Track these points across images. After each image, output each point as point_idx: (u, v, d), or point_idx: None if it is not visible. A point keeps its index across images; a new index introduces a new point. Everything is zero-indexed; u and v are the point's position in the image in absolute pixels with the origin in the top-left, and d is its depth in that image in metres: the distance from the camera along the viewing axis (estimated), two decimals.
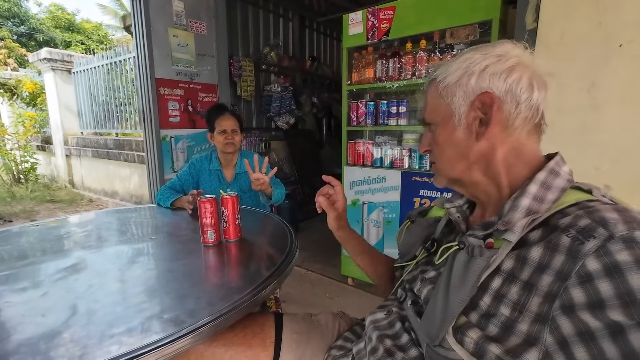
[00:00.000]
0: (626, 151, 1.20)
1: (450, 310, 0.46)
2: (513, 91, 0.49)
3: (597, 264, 0.37)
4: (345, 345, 0.70)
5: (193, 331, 0.61)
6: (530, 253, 0.43)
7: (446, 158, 0.56)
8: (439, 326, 0.47)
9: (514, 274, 0.44)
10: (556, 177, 0.48)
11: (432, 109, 0.57)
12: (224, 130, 1.61)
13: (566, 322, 0.37)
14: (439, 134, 0.56)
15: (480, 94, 0.50)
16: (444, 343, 0.46)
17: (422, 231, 0.68)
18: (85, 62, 4.74)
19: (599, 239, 0.37)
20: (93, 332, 0.60)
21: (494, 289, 0.45)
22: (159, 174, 2.66)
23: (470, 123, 0.52)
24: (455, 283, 0.47)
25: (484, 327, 0.44)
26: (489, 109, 0.50)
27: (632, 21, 1.16)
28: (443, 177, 0.59)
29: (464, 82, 0.51)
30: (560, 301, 0.38)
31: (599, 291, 0.36)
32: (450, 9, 1.73)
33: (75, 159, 5.19)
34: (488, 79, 0.50)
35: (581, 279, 0.37)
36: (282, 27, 4.09)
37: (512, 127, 0.50)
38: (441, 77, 0.54)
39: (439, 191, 1.88)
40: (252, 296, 0.73)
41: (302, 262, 2.69)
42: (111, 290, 0.78)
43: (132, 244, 1.12)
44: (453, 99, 0.53)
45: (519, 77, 0.49)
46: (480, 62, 0.50)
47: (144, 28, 2.46)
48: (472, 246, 0.48)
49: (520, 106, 0.49)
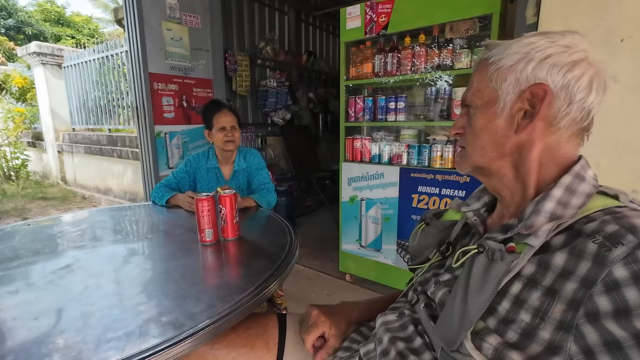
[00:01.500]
0: (627, 146, 1.20)
1: (469, 315, 0.44)
2: (569, 88, 0.46)
3: (625, 272, 0.35)
4: (351, 347, 0.69)
5: (193, 335, 0.59)
6: (553, 259, 0.42)
7: (479, 144, 0.53)
8: (456, 331, 0.45)
9: (535, 279, 0.42)
10: (582, 182, 0.47)
11: (475, 91, 0.53)
12: (223, 127, 1.57)
13: (591, 331, 0.36)
14: (477, 118, 0.53)
15: (534, 85, 0.47)
16: (462, 348, 0.45)
17: (437, 234, 0.66)
18: (76, 56, 4.64)
19: (628, 246, 0.36)
20: (89, 336, 0.58)
21: (513, 294, 0.43)
22: (154, 170, 2.62)
23: (514, 114, 0.49)
24: (474, 287, 0.46)
25: (503, 333, 0.42)
26: (538, 102, 0.47)
27: (633, 16, 1.15)
28: (469, 164, 0.55)
29: (520, 67, 0.47)
30: (585, 309, 0.37)
31: (626, 299, 0.35)
32: (450, 2, 1.71)
33: (67, 156, 5.10)
34: (547, 70, 0.46)
35: (607, 286, 0.36)
36: (277, 21, 4.04)
37: (557, 126, 0.47)
38: (495, 58, 0.50)
39: (438, 187, 1.87)
40: (253, 297, 0.72)
41: (299, 259, 2.68)
42: (107, 292, 0.75)
43: (127, 243, 1.09)
44: (503, 84, 0.49)
45: (581, 74, 0.45)
46: (544, 50, 0.46)
47: (136, 21, 2.40)
48: (492, 250, 0.46)
49: (572, 105, 0.46)
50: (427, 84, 1.95)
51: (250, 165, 1.68)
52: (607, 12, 1.20)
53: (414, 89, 2.10)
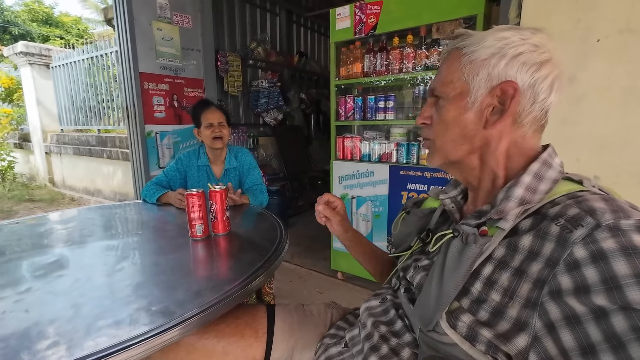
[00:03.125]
0: (603, 143, 1.25)
1: (445, 295, 0.46)
2: (535, 88, 0.47)
3: (584, 252, 0.37)
4: (338, 334, 0.71)
5: (182, 322, 0.60)
6: (521, 241, 0.44)
7: (450, 137, 0.53)
8: (432, 311, 0.47)
9: (505, 261, 0.44)
10: (549, 168, 0.49)
11: (446, 82, 0.52)
12: (211, 123, 1.58)
13: (554, 307, 0.38)
14: (447, 111, 0.52)
15: (505, 82, 0.47)
16: (438, 328, 0.47)
17: (417, 222, 0.68)
18: (65, 57, 4.58)
19: (587, 228, 0.38)
20: (79, 325, 0.59)
21: (485, 275, 0.45)
22: (144, 170, 2.61)
23: (483, 109, 0.49)
24: (449, 269, 0.48)
25: (475, 312, 0.44)
26: (508, 100, 0.47)
27: (609, 17, 1.20)
28: (441, 157, 0.55)
29: (492, 62, 0.48)
30: (548, 287, 0.39)
31: (585, 277, 0.37)
32: (436, 4, 1.75)
33: (55, 157, 5.02)
34: (517, 68, 0.47)
35: (569, 266, 0.38)
36: (269, 22, 4.05)
37: (521, 123, 0.49)
38: (468, 50, 0.50)
39: (426, 184, 1.91)
40: (242, 287, 0.73)
41: (291, 258, 2.69)
42: (97, 285, 0.76)
43: (117, 239, 1.10)
44: (475, 77, 0.49)
45: (546, 75, 0.47)
46: (517, 47, 0.47)
47: (126, 21, 2.39)
48: (466, 234, 0.48)
49: (535, 105, 0.48)
50: (416, 84, 1.99)
51: (242, 164, 1.69)
52: (585, 14, 1.24)
53: (403, 89, 2.14)
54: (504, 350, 0.40)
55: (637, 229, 0.37)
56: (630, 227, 0.37)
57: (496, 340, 0.41)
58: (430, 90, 0.57)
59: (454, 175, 0.59)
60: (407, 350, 0.55)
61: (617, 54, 1.19)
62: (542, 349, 0.38)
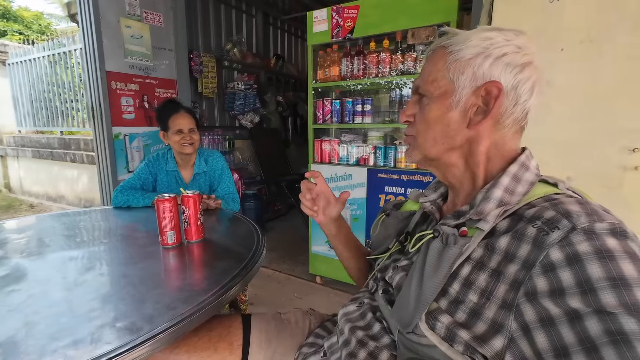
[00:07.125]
0: (566, 147, 1.32)
1: (424, 296, 0.46)
2: (517, 89, 0.47)
3: (560, 254, 0.38)
4: (316, 342, 0.69)
5: (150, 338, 0.55)
6: (498, 242, 0.44)
7: (431, 135, 0.53)
8: (412, 312, 0.47)
9: (482, 262, 0.44)
10: (526, 170, 0.49)
11: (431, 80, 0.52)
12: (180, 129, 1.51)
13: (529, 308, 0.38)
14: (431, 109, 0.52)
15: (489, 82, 0.47)
16: (417, 329, 0.46)
17: (396, 224, 0.67)
18: (23, 53, 4.28)
19: (563, 230, 0.39)
20: (31, 347, 0.53)
21: (463, 276, 0.45)
22: (112, 174, 2.47)
23: (467, 108, 0.49)
24: (429, 270, 0.47)
25: (453, 313, 0.44)
26: (492, 100, 0.48)
27: (571, 27, 1.27)
28: (420, 153, 0.55)
29: (477, 62, 0.48)
30: (524, 289, 0.39)
31: (560, 280, 0.37)
32: (411, 10, 1.79)
33: (11, 160, 4.67)
34: (501, 68, 0.47)
35: (545, 268, 0.38)
36: (245, 23, 3.99)
37: (502, 124, 0.49)
38: (454, 48, 0.50)
39: (403, 187, 1.93)
40: (217, 297, 0.69)
41: (269, 263, 2.64)
42: (54, 300, 0.69)
43: (80, 249, 1.02)
44: (460, 76, 0.49)
45: (527, 77, 0.47)
46: (501, 47, 0.47)
47: (92, 17, 2.26)
48: (446, 234, 0.48)
49: (517, 106, 0.48)
50: (392, 88, 2.01)
51: (213, 169, 1.62)
52: (550, 23, 1.31)
53: (380, 93, 2.17)
54: (481, 353, 0.40)
55: (610, 233, 0.38)
56: (603, 230, 0.38)
57: (473, 341, 0.41)
58: (414, 87, 0.56)
59: (434, 173, 0.59)
60: (385, 352, 0.54)
61: (578, 62, 1.27)
62: (518, 351, 0.38)
